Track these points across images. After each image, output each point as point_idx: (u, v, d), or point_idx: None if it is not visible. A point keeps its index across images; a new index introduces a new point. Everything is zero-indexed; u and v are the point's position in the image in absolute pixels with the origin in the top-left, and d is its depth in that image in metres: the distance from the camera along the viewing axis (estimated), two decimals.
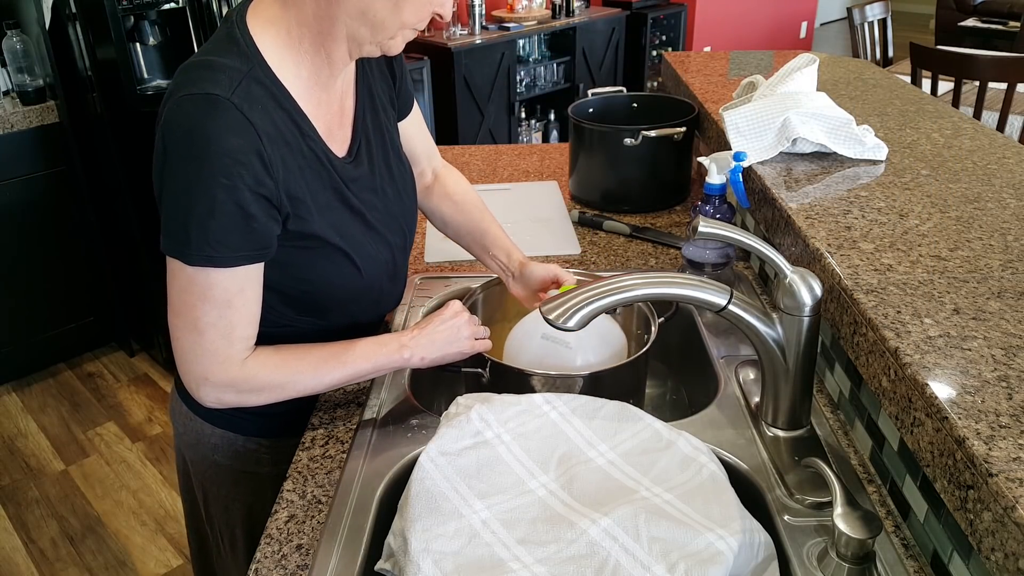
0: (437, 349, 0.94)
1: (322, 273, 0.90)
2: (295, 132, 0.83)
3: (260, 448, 1.03)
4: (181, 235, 0.78)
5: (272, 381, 0.87)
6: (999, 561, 0.55)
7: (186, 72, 0.79)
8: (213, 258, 0.78)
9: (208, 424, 1.02)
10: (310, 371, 0.88)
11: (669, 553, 0.67)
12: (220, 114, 0.76)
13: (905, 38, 4.15)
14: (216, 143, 0.75)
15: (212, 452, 1.03)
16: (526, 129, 4.28)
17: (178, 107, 0.77)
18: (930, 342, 0.72)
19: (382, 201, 0.96)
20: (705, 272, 1.20)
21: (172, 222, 0.78)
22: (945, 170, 1.12)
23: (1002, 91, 2.78)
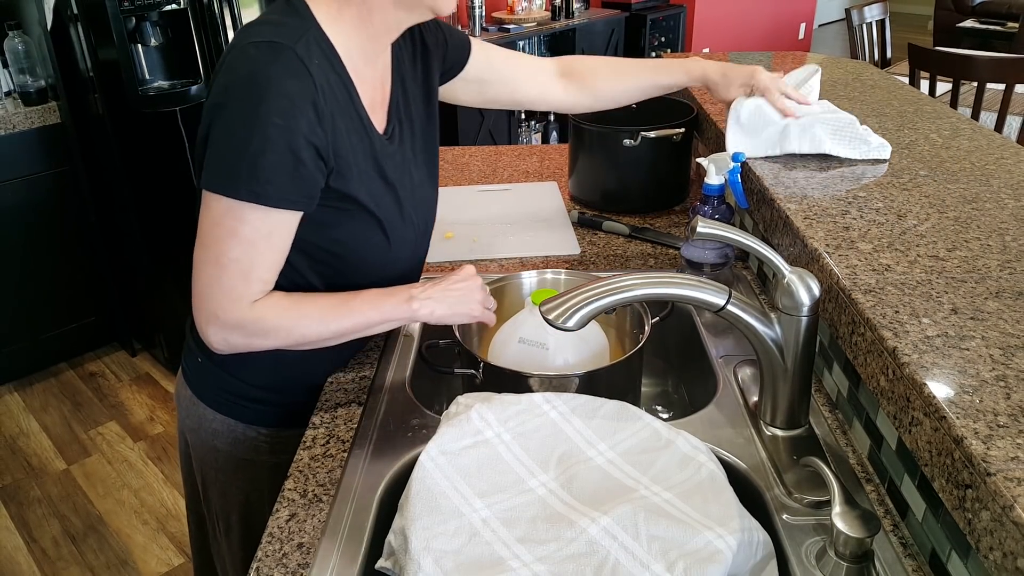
0: (447, 307, 0.95)
1: (353, 237, 0.92)
2: (345, 95, 0.86)
3: (259, 437, 1.04)
4: (230, 169, 0.80)
5: (279, 324, 0.88)
6: (997, 560, 0.56)
7: (248, 29, 0.83)
8: (258, 195, 0.80)
9: (210, 409, 1.03)
10: (317, 316, 0.89)
11: (668, 552, 0.67)
12: (282, 59, 0.79)
13: (903, 39, 4.15)
14: (277, 84, 0.78)
15: (212, 437, 1.05)
16: (526, 130, 4.28)
17: (242, 52, 0.80)
18: (928, 342, 0.72)
19: (411, 183, 0.98)
20: (704, 272, 1.21)
21: (221, 157, 0.80)
22: (943, 170, 1.12)
23: (1000, 92, 2.78)
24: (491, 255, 1.36)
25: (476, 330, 1.13)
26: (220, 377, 1.02)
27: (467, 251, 1.38)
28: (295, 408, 1.02)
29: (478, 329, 1.13)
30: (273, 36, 0.81)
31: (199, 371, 1.04)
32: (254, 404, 1.02)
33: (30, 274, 2.65)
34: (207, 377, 1.03)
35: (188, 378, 1.06)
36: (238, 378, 1.02)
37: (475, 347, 1.11)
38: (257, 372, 1.01)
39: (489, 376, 0.96)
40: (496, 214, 1.53)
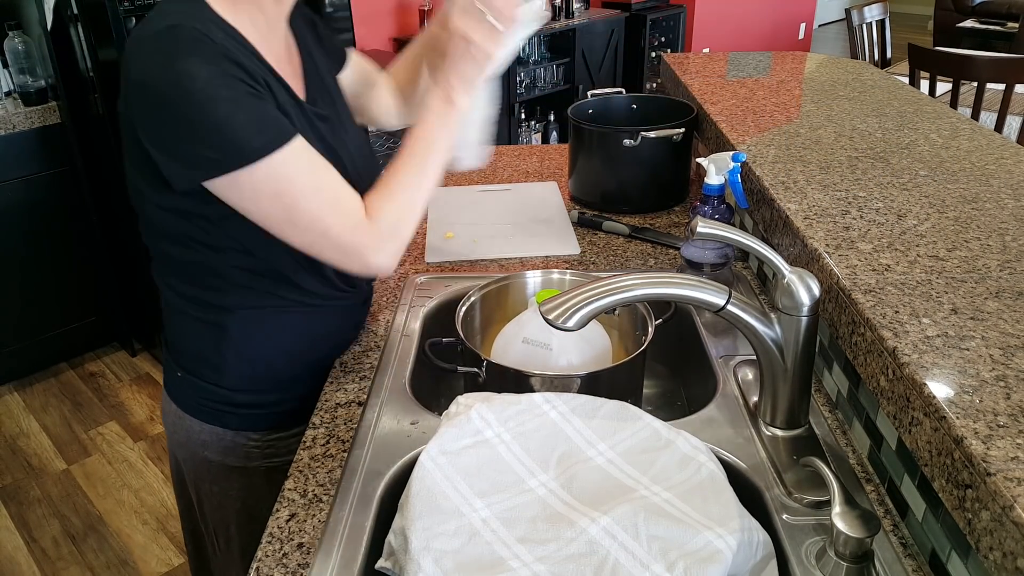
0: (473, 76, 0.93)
1: None
2: (264, 70, 0.86)
3: (249, 443, 1.04)
4: (226, 145, 0.78)
5: (398, 208, 0.89)
6: (997, 560, 0.56)
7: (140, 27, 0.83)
8: (269, 141, 0.79)
9: (197, 421, 1.03)
10: (413, 187, 0.91)
11: (668, 552, 0.67)
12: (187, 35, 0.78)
13: (903, 39, 4.16)
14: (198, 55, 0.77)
15: (202, 449, 1.04)
16: (526, 130, 4.28)
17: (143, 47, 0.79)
18: (928, 342, 0.72)
19: (344, 144, 0.98)
20: (704, 272, 1.21)
21: (204, 145, 0.78)
22: (943, 171, 1.12)
23: (1000, 92, 2.78)
24: (491, 255, 1.36)
25: (479, 329, 1.13)
26: (201, 388, 1.01)
27: (467, 251, 1.38)
28: (282, 410, 1.03)
29: (481, 328, 1.13)
30: (169, 22, 0.79)
31: (180, 384, 1.03)
32: (240, 410, 1.02)
33: (30, 274, 2.65)
34: (189, 389, 1.03)
35: (171, 393, 1.05)
36: (219, 386, 1.01)
37: (478, 346, 1.11)
38: (237, 378, 1.01)
39: (492, 375, 0.96)
40: (496, 214, 1.53)
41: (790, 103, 1.50)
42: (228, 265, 0.92)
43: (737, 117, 1.42)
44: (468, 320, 1.08)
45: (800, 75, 1.72)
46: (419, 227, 0.97)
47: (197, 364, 1.00)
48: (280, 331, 0.99)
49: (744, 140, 1.29)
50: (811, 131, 1.32)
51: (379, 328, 1.16)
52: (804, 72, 1.74)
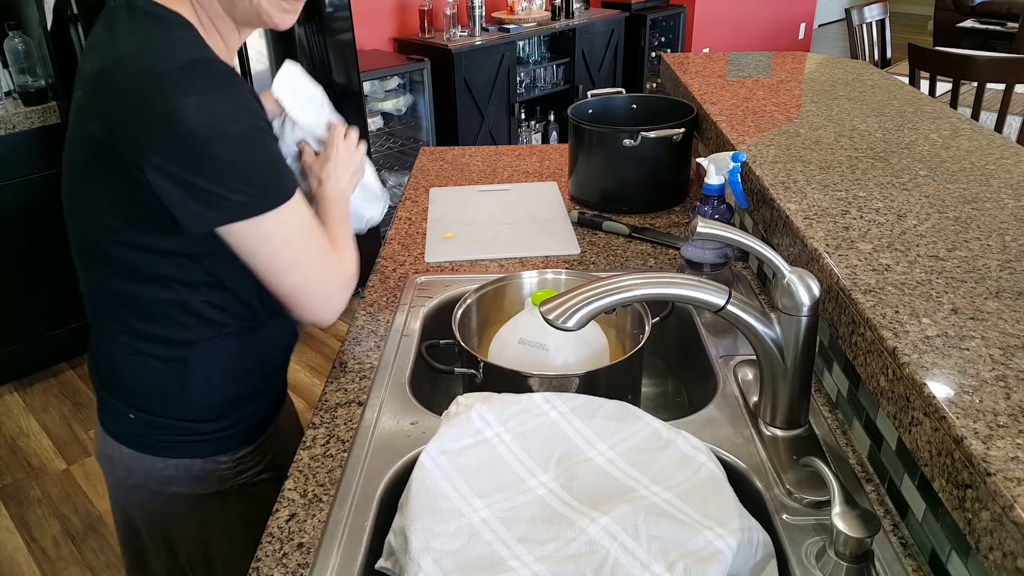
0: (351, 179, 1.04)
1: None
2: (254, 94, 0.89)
3: (220, 467, 1.01)
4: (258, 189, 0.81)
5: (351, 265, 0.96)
6: (997, 560, 0.56)
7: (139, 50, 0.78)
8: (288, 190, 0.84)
9: (160, 459, 0.98)
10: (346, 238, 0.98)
11: (668, 552, 0.67)
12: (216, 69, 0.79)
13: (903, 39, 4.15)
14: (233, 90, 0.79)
15: (168, 485, 1.00)
16: (526, 130, 4.28)
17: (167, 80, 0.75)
18: (928, 342, 0.72)
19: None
20: (704, 272, 1.21)
21: (235, 188, 0.79)
22: (943, 171, 1.12)
23: (1000, 92, 2.78)
24: (491, 255, 1.36)
25: (477, 330, 1.13)
26: (163, 426, 0.97)
27: (467, 251, 1.38)
28: (248, 425, 1.02)
29: (479, 329, 1.13)
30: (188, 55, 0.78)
31: (136, 426, 0.98)
32: (208, 436, 0.99)
33: (30, 274, 2.65)
34: (146, 429, 0.97)
35: (121, 437, 0.99)
36: (186, 419, 0.97)
37: (475, 347, 1.11)
38: (204, 408, 0.98)
39: (489, 376, 0.96)
40: (496, 214, 1.53)
41: (790, 103, 1.50)
42: (198, 300, 0.90)
43: (737, 117, 1.42)
44: (465, 322, 1.08)
45: (800, 75, 1.72)
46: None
47: (159, 403, 0.96)
48: (241, 352, 0.97)
49: (744, 140, 1.29)
50: (811, 131, 1.32)
51: (379, 328, 1.16)
52: (804, 72, 1.74)
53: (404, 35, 3.91)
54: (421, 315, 1.18)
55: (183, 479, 1.00)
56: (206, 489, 1.02)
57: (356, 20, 3.17)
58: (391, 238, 1.47)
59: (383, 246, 1.44)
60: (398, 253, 1.40)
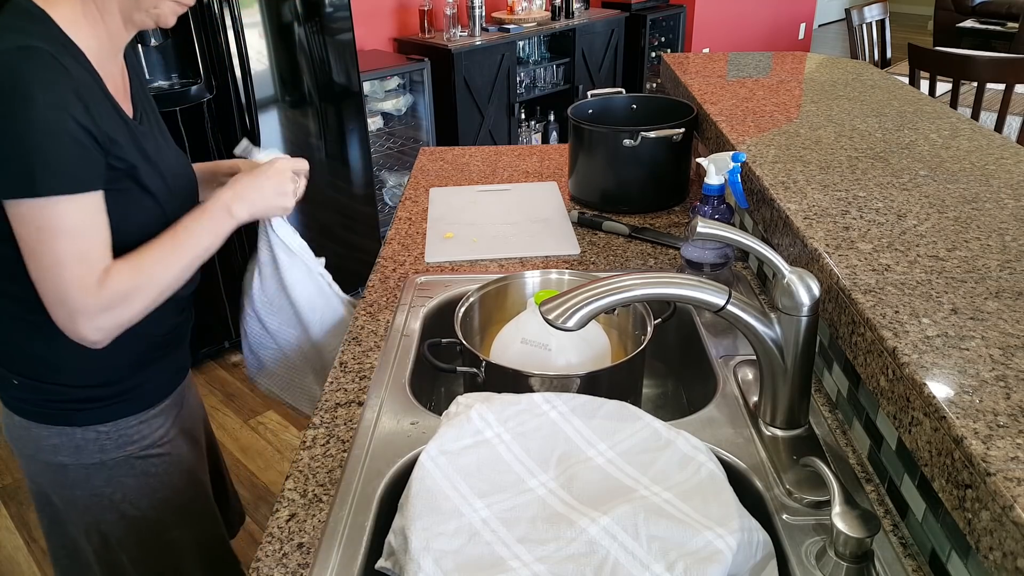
0: (263, 201, 1.04)
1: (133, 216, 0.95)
2: (96, 86, 0.90)
3: (99, 436, 1.04)
4: (23, 173, 0.82)
5: (132, 286, 0.91)
6: (997, 560, 0.56)
7: None
8: (61, 186, 0.84)
9: (43, 426, 1.02)
10: (161, 263, 0.94)
11: (668, 552, 0.67)
12: (38, 59, 0.83)
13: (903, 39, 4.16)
14: (40, 80, 0.82)
15: (54, 454, 1.03)
16: (526, 130, 4.28)
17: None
18: (928, 342, 0.72)
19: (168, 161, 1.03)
20: (704, 272, 1.21)
21: (9, 164, 0.82)
22: (943, 171, 1.12)
23: (1000, 92, 2.78)
24: (491, 255, 1.36)
25: (479, 329, 1.13)
26: (41, 390, 1.00)
27: (467, 251, 1.38)
28: (126, 397, 1.04)
29: (480, 328, 1.13)
30: (20, 41, 0.83)
31: (19, 392, 1.02)
32: (84, 405, 1.02)
33: None
34: (28, 394, 1.01)
35: (10, 404, 1.04)
36: (58, 383, 1.00)
37: (477, 346, 1.11)
38: (75, 372, 1.00)
39: (491, 375, 0.96)
40: (496, 214, 1.53)
41: (790, 103, 1.50)
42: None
43: (737, 117, 1.42)
44: (467, 321, 1.08)
45: (800, 75, 1.72)
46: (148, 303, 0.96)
47: (33, 366, 1.00)
48: None
49: (744, 140, 1.29)
50: (811, 131, 1.32)
51: (379, 328, 1.16)
52: (804, 72, 1.74)
53: (404, 35, 3.92)
54: (421, 315, 1.18)
55: (66, 449, 1.03)
56: (90, 459, 1.04)
57: (356, 20, 3.17)
58: (391, 238, 1.47)
59: (383, 246, 1.44)
60: (398, 253, 1.40)
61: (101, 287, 0.88)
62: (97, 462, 1.05)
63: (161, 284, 0.94)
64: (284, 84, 2.71)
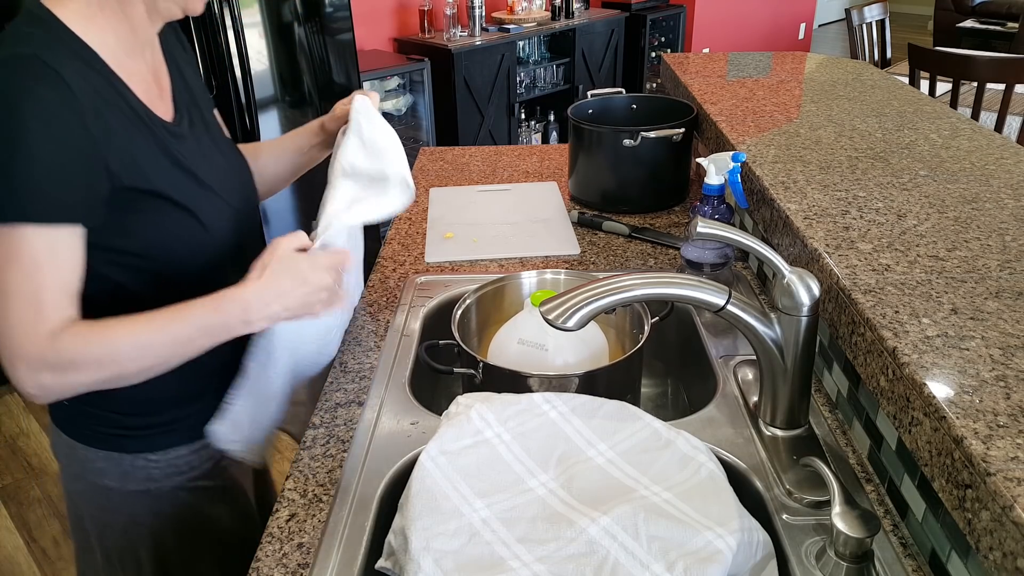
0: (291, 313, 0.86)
1: (167, 233, 0.87)
2: (113, 92, 0.82)
3: (149, 464, 0.99)
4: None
5: (89, 355, 0.79)
6: (997, 560, 0.56)
7: None
8: (28, 213, 0.75)
9: (92, 449, 0.97)
10: (131, 344, 0.80)
11: (668, 552, 0.67)
12: (29, 69, 0.75)
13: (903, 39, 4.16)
14: (28, 93, 0.74)
15: (100, 477, 0.99)
16: (526, 130, 4.28)
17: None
18: (928, 342, 0.72)
19: (213, 166, 0.94)
20: (704, 272, 1.21)
21: None
22: (943, 171, 1.12)
23: (1000, 92, 2.78)
24: (491, 255, 1.36)
25: (476, 330, 1.13)
26: (91, 415, 0.96)
27: (467, 251, 1.38)
28: (179, 426, 0.99)
29: (478, 329, 1.13)
30: (15, 49, 0.76)
31: (68, 413, 0.97)
32: (134, 432, 0.97)
33: None
34: (78, 417, 0.97)
35: (60, 424, 0.99)
36: (109, 411, 0.95)
37: (475, 347, 1.11)
38: (127, 401, 0.94)
39: (489, 376, 0.96)
40: (496, 214, 1.53)
41: (790, 103, 1.50)
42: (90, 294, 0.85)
43: (737, 117, 1.42)
44: (464, 322, 1.08)
45: (800, 75, 1.72)
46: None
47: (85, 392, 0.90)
48: None
49: (744, 140, 1.29)
50: (811, 131, 1.32)
51: (379, 328, 1.16)
52: (804, 72, 1.74)
53: (404, 35, 3.92)
54: (421, 315, 1.18)
55: (112, 472, 0.98)
56: (135, 486, 0.99)
57: (356, 20, 3.17)
58: (391, 238, 1.47)
59: (383, 246, 1.44)
60: (398, 253, 1.40)
61: (53, 340, 0.77)
62: (143, 490, 0.99)
63: (125, 364, 0.81)
64: (284, 84, 2.71)
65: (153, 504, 1.01)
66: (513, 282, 1.15)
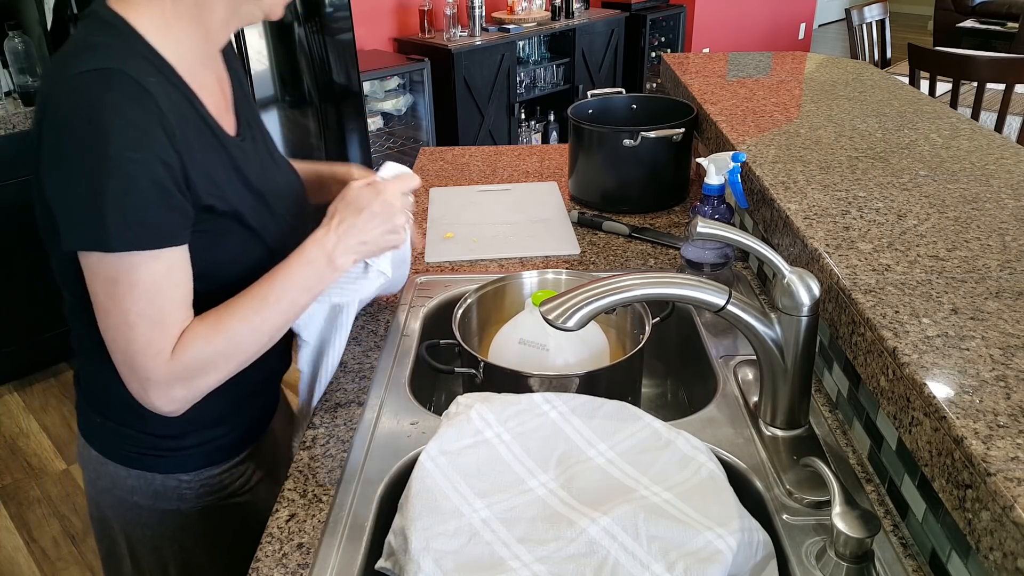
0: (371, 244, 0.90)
1: (229, 254, 0.87)
2: (189, 107, 0.81)
3: (181, 484, 0.98)
4: (95, 223, 0.72)
5: (212, 353, 0.80)
6: (997, 560, 0.56)
7: (63, 58, 0.75)
8: (136, 240, 0.74)
9: (123, 467, 0.96)
10: (245, 326, 0.82)
11: (668, 552, 0.67)
12: (116, 85, 0.72)
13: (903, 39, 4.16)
14: (120, 116, 0.72)
15: (130, 494, 0.97)
16: (526, 130, 4.28)
17: (65, 86, 0.72)
18: (928, 342, 0.72)
19: (274, 183, 0.94)
20: (704, 272, 1.21)
21: (80, 212, 0.73)
22: (943, 171, 1.12)
23: (1000, 92, 2.78)
24: (491, 255, 1.36)
25: (477, 330, 1.13)
26: (124, 434, 0.94)
27: (467, 251, 1.38)
28: (212, 447, 0.98)
29: (479, 329, 1.13)
30: (98, 62, 0.73)
31: (100, 430, 0.96)
32: (167, 452, 0.96)
33: (30, 274, 2.65)
34: (110, 435, 0.96)
35: (90, 439, 0.97)
36: (143, 432, 0.94)
37: (476, 347, 1.11)
38: (162, 423, 0.91)
39: (489, 376, 0.96)
40: (496, 214, 1.53)
41: (790, 103, 1.50)
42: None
43: (737, 117, 1.42)
44: (465, 322, 1.08)
45: (800, 75, 1.72)
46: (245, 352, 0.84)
47: (118, 409, 0.93)
48: None
49: (744, 140, 1.29)
50: (811, 131, 1.32)
51: (379, 328, 1.16)
52: (804, 72, 1.74)
53: (404, 35, 3.92)
54: (421, 315, 1.18)
55: (144, 491, 0.97)
56: (167, 505, 0.98)
57: (356, 20, 3.17)
58: None
59: None
60: None
61: (175, 355, 0.78)
62: (174, 509, 0.99)
63: (246, 350, 0.83)
64: (284, 84, 2.71)
65: (184, 523, 1.00)
66: (514, 282, 1.15)
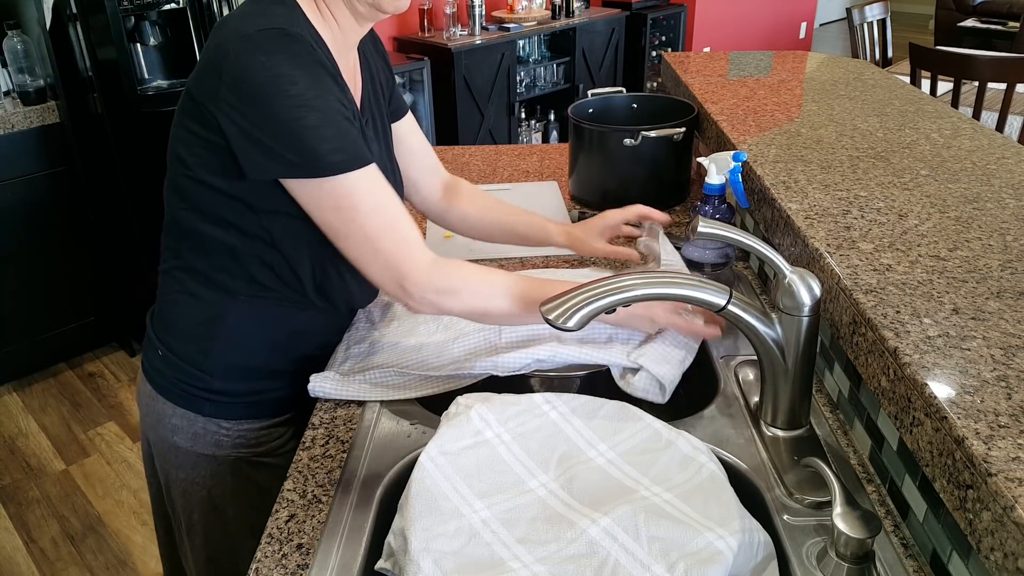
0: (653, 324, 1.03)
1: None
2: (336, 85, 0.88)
3: (220, 431, 1.02)
4: (305, 153, 0.82)
5: (471, 286, 0.91)
6: (998, 561, 0.56)
7: (237, 20, 0.84)
8: (348, 161, 0.84)
9: (169, 404, 1.02)
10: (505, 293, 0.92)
11: (668, 552, 0.67)
12: (293, 41, 0.82)
13: (904, 38, 4.16)
14: (302, 66, 0.82)
15: (172, 433, 1.03)
16: (526, 129, 4.28)
17: (248, 40, 0.81)
18: (929, 342, 0.72)
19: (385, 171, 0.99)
20: (705, 272, 1.20)
21: (287, 146, 0.82)
22: (944, 170, 1.12)
23: (1001, 91, 2.78)
24: (491, 255, 1.36)
25: None
26: (181, 369, 1.00)
27: (467, 251, 1.38)
28: (256, 400, 1.02)
29: None
30: (273, 23, 0.82)
31: (160, 364, 1.02)
32: (215, 396, 1.01)
33: (29, 274, 2.65)
34: (167, 369, 1.01)
35: (148, 373, 1.04)
36: (200, 369, 0.99)
37: None
38: (220, 363, 0.99)
39: (491, 376, 0.95)
40: None
41: (791, 102, 1.50)
42: (250, 252, 0.93)
43: (738, 116, 1.42)
44: None
45: (801, 74, 1.72)
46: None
47: (183, 342, 0.99)
48: (272, 323, 0.99)
49: (745, 139, 1.29)
50: (812, 131, 1.32)
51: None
52: (805, 71, 1.74)
53: (404, 34, 3.91)
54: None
55: (184, 432, 1.02)
56: (203, 449, 1.03)
57: None
58: None
59: None
60: None
61: (438, 268, 0.89)
62: (209, 454, 1.04)
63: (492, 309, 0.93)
64: None
65: (216, 471, 1.05)
66: None
